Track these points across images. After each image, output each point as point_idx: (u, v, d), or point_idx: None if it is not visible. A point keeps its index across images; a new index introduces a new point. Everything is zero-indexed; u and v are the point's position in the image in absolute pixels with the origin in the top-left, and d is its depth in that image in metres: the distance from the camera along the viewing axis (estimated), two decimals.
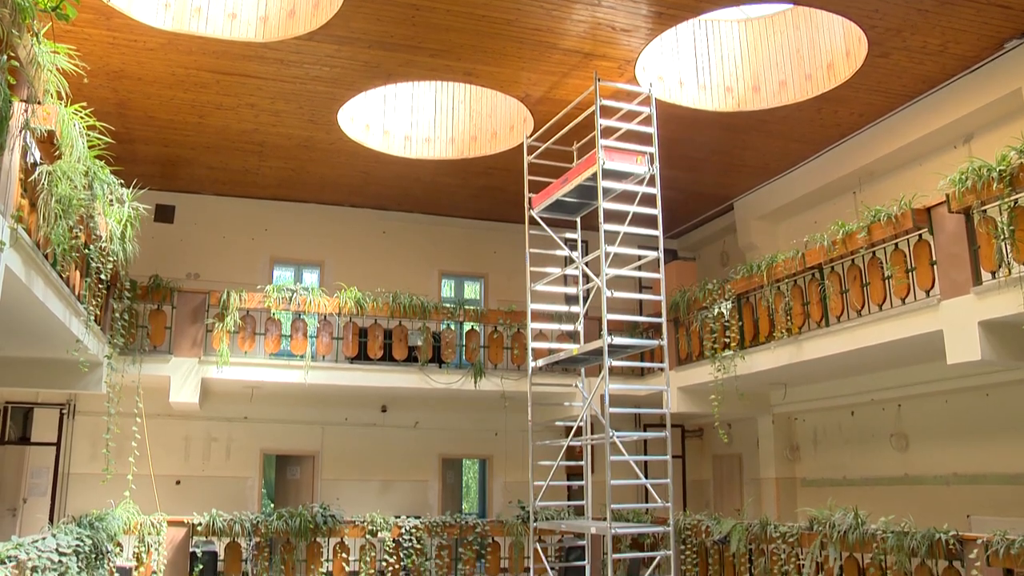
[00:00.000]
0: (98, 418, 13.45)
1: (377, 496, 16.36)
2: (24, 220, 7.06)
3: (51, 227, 7.60)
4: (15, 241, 6.78)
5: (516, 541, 14.47)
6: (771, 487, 15.74)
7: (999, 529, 8.77)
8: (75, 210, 8.11)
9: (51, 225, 7.59)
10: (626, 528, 12.01)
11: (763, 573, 12.17)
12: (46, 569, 7.95)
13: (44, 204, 7.49)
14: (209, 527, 13.08)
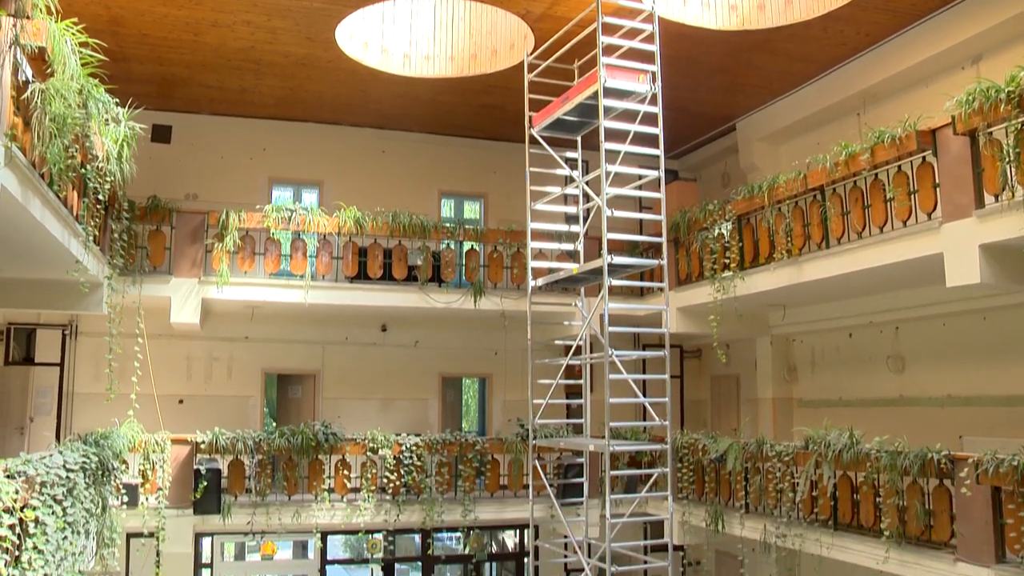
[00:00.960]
0: (100, 339, 13.52)
1: (378, 414, 16.55)
2: (18, 139, 6.98)
3: (46, 146, 7.51)
4: (9, 160, 6.71)
5: (515, 458, 14.68)
6: (768, 407, 15.90)
7: (990, 449, 8.89)
8: (70, 129, 8.00)
9: (46, 144, 7.50)
10: (624, 446, 12.17)
11: (758, 491, 12.38)
12: (54, 484, 8.06)
13: (38, 123, 7.39)
14: (212, 445, 13.26)
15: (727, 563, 16.76)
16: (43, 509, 7.59)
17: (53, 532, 7.73)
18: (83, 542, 9.17)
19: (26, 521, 7.19)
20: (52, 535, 7.71)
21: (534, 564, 13.31)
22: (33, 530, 7.34)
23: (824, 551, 11.12)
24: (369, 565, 18.75)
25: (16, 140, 6.88)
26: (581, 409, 12.84)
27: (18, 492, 6.89)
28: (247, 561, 16.66)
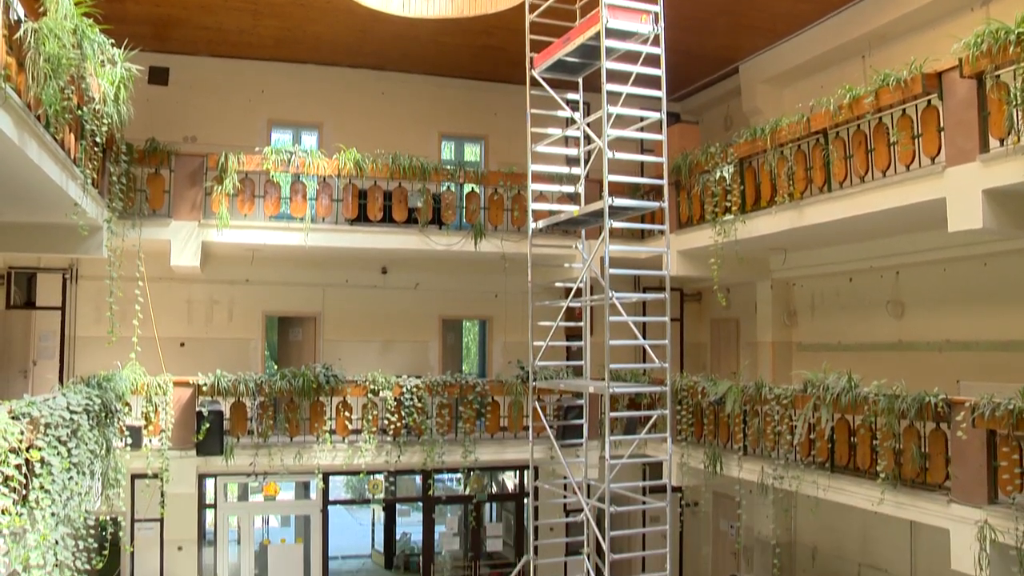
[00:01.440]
0: (100, 282, 13.52)
1: (378, 356, 16.62)
2: (12, 79, 6.90)
3: (41, 87, 7.43)
4: (4, 101, 6.64)
5: (515, 400, 14.78)
6: (767, 351, 15.97)
7: (986, 393, 8.95)
8: (65, 70, 7.91)
9: (41, 86, 7.42)
10: (624, 387, 12.24)
11: (756, 433, 12.49)
12: (58, 426, 8.14)
13: (32, 63, 7.30)
14: (214, 387, 13.34)
15: (725, 504, 17.00)
16: (48, 450, 7.67)
17: (59, 472, 7.82)
18: (88, 482, 9.29)
19: (32, 461, 7.28)
20: (58, 475, 7.80)
21: (534, 505, 13.46)
22: (39, 470, 7.44)
23: (820, 493, 11.25)
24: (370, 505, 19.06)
25: (10, 81, 6.80)
26: (581, 351, 12.92)
27: (23, 433, 6.96)
28: (250, 501, 16.87)
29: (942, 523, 9.46)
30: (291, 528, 18.84)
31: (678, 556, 17.90)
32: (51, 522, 7.38)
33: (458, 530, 17.77)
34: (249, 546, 16.04)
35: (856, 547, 14.07)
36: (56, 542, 7.47)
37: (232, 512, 16.20)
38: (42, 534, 7.06)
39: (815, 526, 14.75)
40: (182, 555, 15.25)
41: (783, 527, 15.02)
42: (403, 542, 21.42)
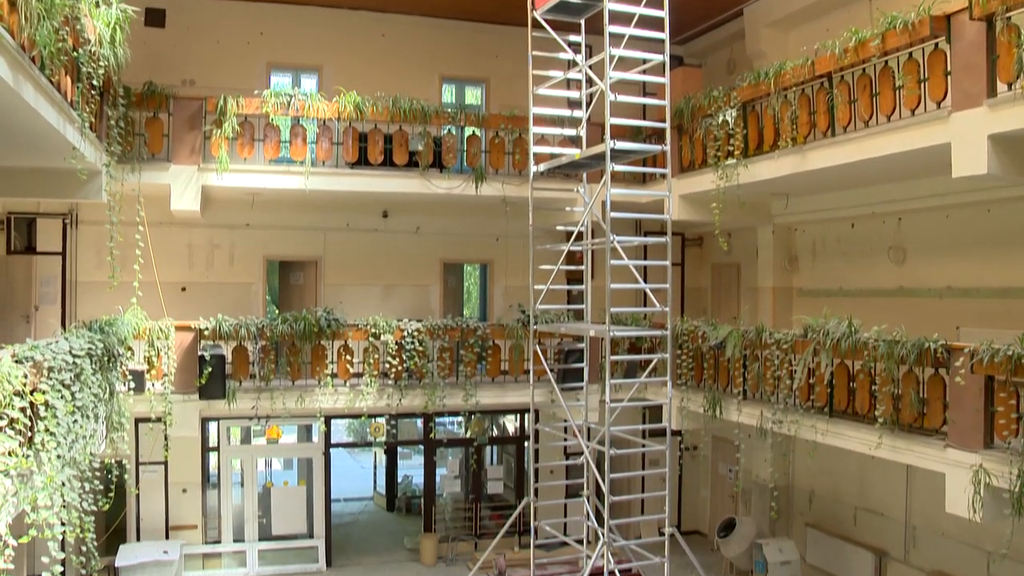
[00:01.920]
0: (101, 227, 13.50)
1: (379, 300, 16.66)
2: (4, 20, 6.79)
3: (34, 28, 7.32)
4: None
5: (516, 344, 14.85)
6: (768, 296, 15.99)
7: (985, 339, 8.98)
8: (58, 10, 7.79)
9: (34, 26, 7.31)
10: (624, 331, 12.28)
11: (756, 377, 12.56)
12: (62, 370, 8.18)
13: (24, 3, 7.18)
14: (216, 331, 13.39)
15: (724, 448, 17.17)
16: (52, 393, 7.72)
17: (63, 415, 7.88)
18: (93, 426, 9.36)
19: (36, 405, 7.33)
20: (62, 418, 7.86)
21: (534, 447, 13.60)
22: (44, 413, 7.50)
23: (819, 437, 11.35)
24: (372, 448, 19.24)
25: (2, 21, 6.70)
26: (582, 295, 12.95)
27: (27, 376, 7.00)
28: (253, 444, 17.04)
29: (938, 467, 9.56)
30: (294, 471, 19.06)
31: (677, 499, 18.13)
32: (57, 464, 7.46)
33: (459, 473, 17.97)
34: (252, 488, 16.24)
35: (853, 491, 14.25)
36: (63, 484, 7.55)
37: (235, 455, 16.38)
38: (48, 476, 7.13)
39: (813, 470, 14.92)
40: (186, 497, 15.46)
41: (781, 471, 15.19)
42: (404, 485, 21.69)
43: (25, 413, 6.60)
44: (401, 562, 16.73)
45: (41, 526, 6.74)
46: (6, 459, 6.01)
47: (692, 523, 18.45)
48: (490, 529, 17.19)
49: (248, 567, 15.79)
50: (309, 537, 16.50)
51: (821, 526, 14.89)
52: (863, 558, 13.78)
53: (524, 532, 16.48)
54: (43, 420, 7.46)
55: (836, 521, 14.63)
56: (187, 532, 15.50)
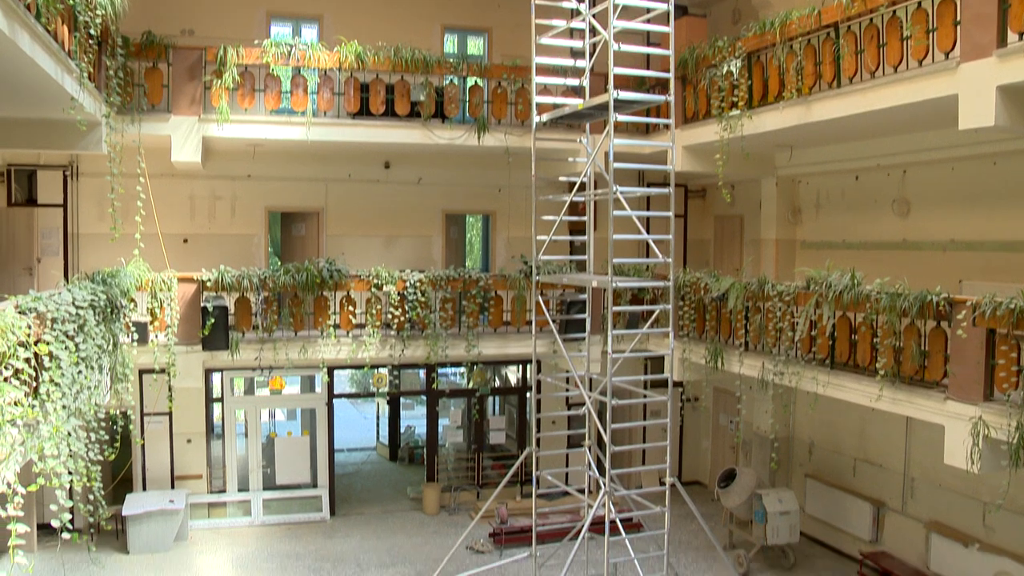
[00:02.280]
0: (101, 179, 13.45)
1: (382, 251, 16.66)
2: None
3: None
4: None
5: (518, 295, 14.86)
6: (771, 248, 15.96)
7: (988, 292, 8.97)
8: None
9: None
10: (627, 282, 12.25)
11: (758, 329, 12.58)
12: (65, 320, 8.21)
13: None
14: (218, 283, 13.39)
15: (725, 400, 17.26)
16: (56, 344, 7.76)
17: (67, 366, 7.92)
18: (97, 377, 9.41)
19: (40, 355, 7.36)
20: (67, 369, 7.90)
21: (536, 398, 13.67)
22: (48, 364, 7.54)
23: (820, 389, 11.39)
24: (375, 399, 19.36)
25: None
26: (584, 246, 12.90)
27: (30, 327, 7.02)
28: (256, 395, 17.15)
29: (938, 419, 9.61)
30: (297, 421, 19.21)
31: (678, 450, 18.29)
32: (63, 414, 7.51)
33: (461, 423, 18.10)
34: (256, 439, 16.37)
35: (853, 442, 14.35)
36: (68, 434, 7.61)
37: (239, 406, 16.49)
38: (54, 426, 7.19)
39: (813, 422, 15.01)
40: (191, 447, 15.62)
41: (782, 422, 15.29)
42: (407, 435, 21.86)
43: (30, 364, 6.64)
44: (404, 511, 16.92)
45: (48, 475, 6.82)
46: (12, 409, 6.06)
47: (693, 474, 18.62)
48: (492, 479, 17.36)
49: (253, 516, 15.98)
50: (313, 487, 16.67)
51: (821, 477, 15.02)
52: (862, 509, 13.93)
53: (526, 482, 16.65)
54: (47, 371, 7.51)
55: (835, 472, 14.76)
56: (192, 482, 15.68)
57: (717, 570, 13.83)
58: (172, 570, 13.54)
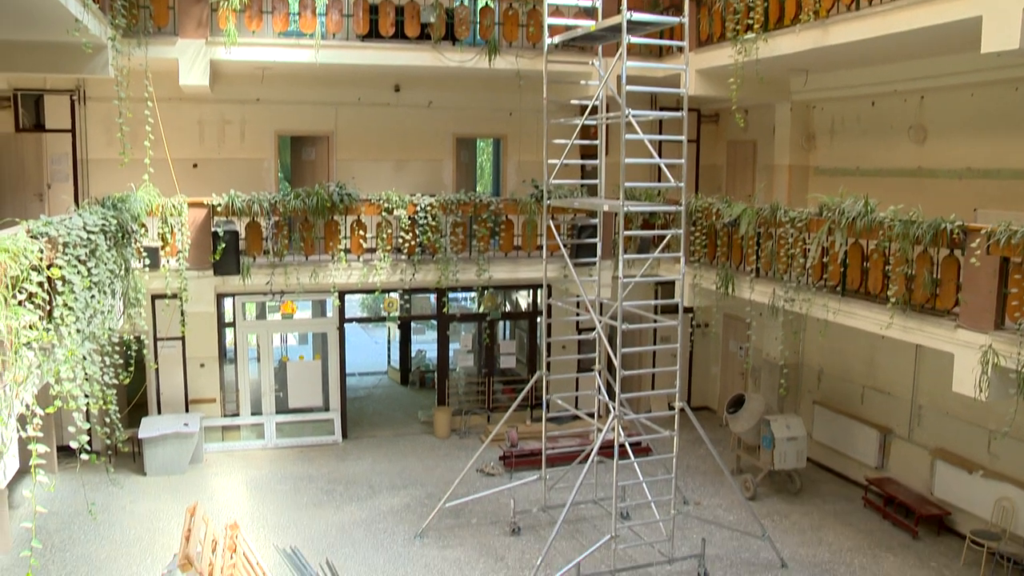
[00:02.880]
0: (109, 103, 13.34)
1: (392, 175, 16.57)
2: None
3: None
4: None
5: (529, 219, 14.82)
6: (784, 174, 15.82)
7: (1003, 220, 8.89)
8: None
9: None
10: (638, 207, 12.18)
11: (769, 256, 12.54)
12: (76, 245, 8.24)
13: None
14: (229, 208, 13.38)
15: (735, 326, 17.31)
16: (68, 268, 7.80)
17: (80, 290, 7.98)
18: (110, 301, 9.48)
19: (53, 280, 7.41)
20: (79, 293, 7.96)
21: (547, 322, 13.71)
22: (61, 288, 7.60)
23: (830, 316, 11.39)
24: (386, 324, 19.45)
25: None
26: (596, 170, 12.79)
27: (42, 251, 7.05)
28: (268, 320, 17.26)
29: (948, 347, 9.62)
30: (309, 346, 19.36)
31: (687, 375, 18.40)
32: (77, 338, 7.59)
33: (472, 348, 18.22)
34: (268, 363, 16.53)
35: (862, 370, 14.41)
36: (83, 357, 7.71)
37: (251, 330, 16.61)
38: (69, 349, 7.28)
39: (822, 349, 15.06)
40: (204, 372, 15.78)
41: (791, 349, 15.34)
42: (418, 359, 22.03)
43: (43, 288, 6.68)
44: (415, 435, 17.15)
45: (65, 397, 6.92)
46: (27, 332, 6.12)
47: (701, 399, 18.77)
48: (502, 403, 17.53)
49: (266, 439, 16.22)
50: (325, 410, 16.88)
51: (829, 404, 15.13)
52: (868, 435, 14.05)
53: (536, 406, 16.81)
54: (61, 295, 7.57)
55: (844, 399, 14.86)
56: (206, 405, 15.89)
57: (724, 494, 14.03)
58: (188, 491, 13.80)
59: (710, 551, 11.75)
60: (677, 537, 11.72)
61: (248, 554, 9.77)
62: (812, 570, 11.50)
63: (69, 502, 13.21)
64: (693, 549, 11.73)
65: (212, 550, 8.90)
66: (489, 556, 11.81)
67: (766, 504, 13.71)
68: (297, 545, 11.82)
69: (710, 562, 11.50)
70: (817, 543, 12.34)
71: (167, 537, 12.13)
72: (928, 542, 12.35)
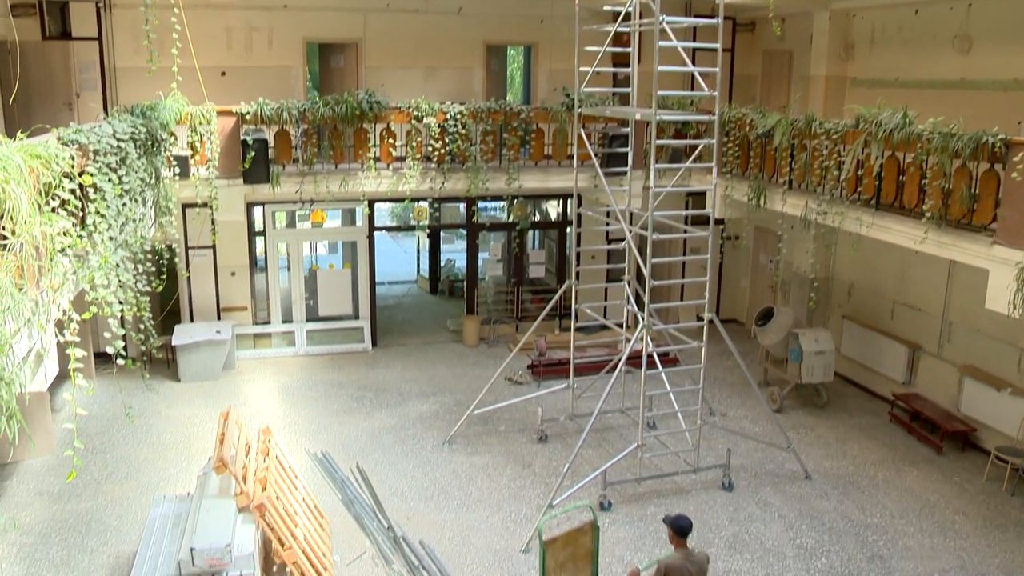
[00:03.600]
0: (135, 10, 13.11)
1: (422, 83, 16.37)
2: None
3: None
4: None
5: (560, 128, 14.68)
6: (820, 85, 15.46)
7: None
8: None
9: None
10: (671, 115, 11.97)
11: (803, 168, 12.36)
12: (107, 153, 8.27)
13: None
14: (257, 116, 13.33)
15: (765, 239, 17.17)
16: (99, 176, 7.85)
17: (112, 198, 8.04)
18: (141, 210, 9.55)
19: (85, 187, 7.46)
20: (111, 201, 8.03)
21: (576, 232, 13.65)
22: (93, 196, 7.66)
23: (863, 230, 11.26)
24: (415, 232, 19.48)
25: None
26: (628, 78, 12.56)
27: (73, 159, 7.08)
28: (298, 228, 17.31)
29: (982, 264, 9.50)
30: (338, 255, 19.44)
31: (716, 287, 18.36)
32: (110, 246, 7.68)
33: (501, 257, 18.23)
34: (299, 272, 16.65)
35: (893, 285, 14.27)
36: (117, 265, 7.81)
37: (281, 239, 16.68)
38: (103, 256, 7.37)
39: (854, 263, 14.92)
40: (235, 280, 15.92)
41: (822, 263, 15.22)
42: (447, 268, 22.11)
43: (75, 195, 6.72)
44: (444, 343, 17.31)
45: (100, 304, 7.03)
46: (62, 239, 6.18)
47: (730, 312, 18.75)
48: (531, 312, 17.62)
49: (297, 346, 16.44)
50: (355, 318, 17.04)
51: (858, 319, 15.05)
52: (897, 351, 14.00)
53: (564, 315, 16.89)
54: (93, 202, 7.63)
55: (873, 314, 14.77)
56: (238, 313, 16.08)
57: (751, 406, 14.11)
58: (222, 397, 14.09)
59: (735, 461, 11.88)
60: (702, 447, 11.84)
61: (280, 458, 10.00)
62: (835, 482, 11.61)
63: (107, 407, 13.55)
64: (718, 459, 11.86)
65: (245, 454, 9.11)
66: (516, 463, 12.01)
67: (792, 417, 13.80)
68: (328, 450, 12.07)
69: (735, 472, 11.64)
70: (841, 456, 12.44)
71: (202, 441, 12.45)
72: (952, 458, 12.41)
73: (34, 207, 5.63)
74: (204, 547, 7.59)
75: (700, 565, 7.31)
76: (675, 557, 7.31)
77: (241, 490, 8.34)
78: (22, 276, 5.55)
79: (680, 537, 7.35)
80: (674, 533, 7.38)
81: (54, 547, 9.71)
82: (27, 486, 11.05)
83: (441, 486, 11.26)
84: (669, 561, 7.28)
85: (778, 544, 10.04)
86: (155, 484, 11.18)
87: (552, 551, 8.07)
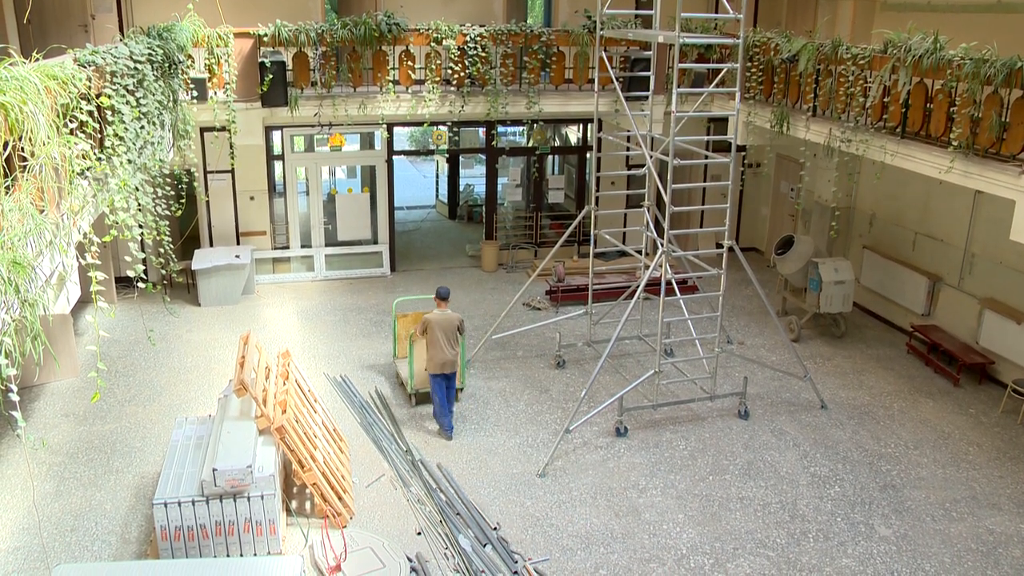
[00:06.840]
0: None
1: (441, 5, 16.08)
2: None
3: None
4: None
5: (581, 51, 14.47)
6: (848, 9, 15.07)
7: None
8: None
9: None
10: (694, 38, 11.73)
11: (828, 94, 12.14)
12: (124, 75, 8.20)
13: None
14: (275, 38, 13.18)
15: (787, 167, 16.96)
16: (117, 98, 7.80)
17: (130, 120, 8.01)
18: (160, 133, 9.50)
19: (103, 109, 7.42)
20: (129, 123, 7.99)
21: (596, 156, 13.52)
22: (111, 118, 7.61)
23: (888, 158, 11.09)
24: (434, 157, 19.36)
25: None
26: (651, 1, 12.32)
27: (91, 80, 7.03)
28: (316, 152, 17.23)
29: (1009, 194, 9.34)
30: (357, 179, 19.37)
31: (737, 215, 18.21)
32: (129, 169, 7.67)
33: (520, 182, 18.12)
34: (317, 196, 16.62)
35: (915, 216, 14.10)
36: (136, 188, 7.80)
37: (300, 163, 16.61)
38: (122, 180, 7.36)
39: (876, 193, 14.74)
40: (254, 205, 15.90)
41: (844, 192, 15.04)
42: (466, 193, 22.01)
43: (93, 117, 6.68)
44: (463, 268, 17.33)
45: (120, 227, 7.05)
46: (81, 161, 6.17)
47: (750, 240, 18.63)
48: (550, 238, 17.59)
49: (315, 271, 16.50)
50: (373, 243, 17.05)
51: (879, 249, 14.91)
52: (917, 282, 13.89)
53: (583, 241, 16.84)
54: (111, 125, 7.60)
55: (894, 245, 14.63)
56: (257, 238, 16.11)
57: (768, 335, 14.11)
58: (241, 321, 14.20)
59: (751, 390, 11.93)
60: (720, 375, 11.89)
61: (300, 381, 10.11)
62: (851, 412, 11.65)
63: (129, 331, 13.68)
64: (735, 387, 11.91)
65: (265, 377, 9.21)
66: (534, 388, 12.10)
67: (809, 346, 13.79)
68: (346, 374, 12.22)
69: (751, 400, 11.69)
70: (858, 386, 12.46)
71: (222, 365, 12.58)
72: (969, 390, 12.41)
73: (52, 129, 5.61)
74: (226, 468, 7.74)
75: (451, 320, 10.39)
76: (435, 314, 10.42)
77: (261, 412, 8.46)
78: (42, 198, 5.56)
79: (441, 300, 10.49)
80: (437, 298, 10.50)
81: (81, 466, 9.91)
82: (53, 407, 11.25)
83: (459, 410, 11.36)
84: (429, 316, 10.42)
85: (792, 472, 10.13)
86: (177, 407, 11.35)
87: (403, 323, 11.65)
